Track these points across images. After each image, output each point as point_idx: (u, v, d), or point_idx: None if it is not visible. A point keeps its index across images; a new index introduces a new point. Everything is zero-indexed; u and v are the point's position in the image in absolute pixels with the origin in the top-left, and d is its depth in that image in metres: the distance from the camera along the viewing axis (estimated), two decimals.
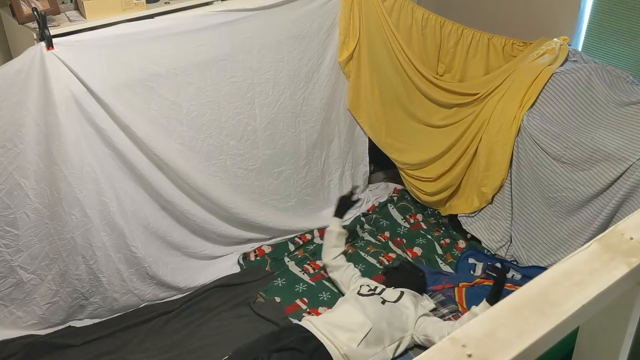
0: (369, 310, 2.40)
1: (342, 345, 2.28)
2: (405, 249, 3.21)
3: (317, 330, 2.32)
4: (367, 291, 2.55)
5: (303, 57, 3.01)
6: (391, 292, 2.55)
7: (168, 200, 2.77)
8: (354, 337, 2.30)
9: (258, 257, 3.12)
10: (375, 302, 2.47)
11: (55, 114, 2.31)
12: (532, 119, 2.79)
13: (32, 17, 2.28)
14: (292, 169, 3.23)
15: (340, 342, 2.28)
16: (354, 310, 2.41)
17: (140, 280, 2.75)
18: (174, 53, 2.57)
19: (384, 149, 3.47)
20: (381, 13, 3.07)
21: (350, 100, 3.33)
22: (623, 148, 2.51)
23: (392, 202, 3.57)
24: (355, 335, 2.31)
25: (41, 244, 2.52)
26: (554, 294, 0.78)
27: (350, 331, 2.32)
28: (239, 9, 2.69)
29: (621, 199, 2.49)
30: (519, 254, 3.00)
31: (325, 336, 2.30)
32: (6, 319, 2.60)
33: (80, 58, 2.31)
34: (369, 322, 2.34)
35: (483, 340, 0.72)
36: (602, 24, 2.90)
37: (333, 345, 2.28)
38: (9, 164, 2.34)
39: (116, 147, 2.52)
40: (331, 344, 2.28)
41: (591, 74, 2.73)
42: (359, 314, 2.38)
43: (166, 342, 2.58)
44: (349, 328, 2.33)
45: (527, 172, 2.86)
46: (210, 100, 2.76)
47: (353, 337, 2.30)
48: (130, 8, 2.48)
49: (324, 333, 2.31)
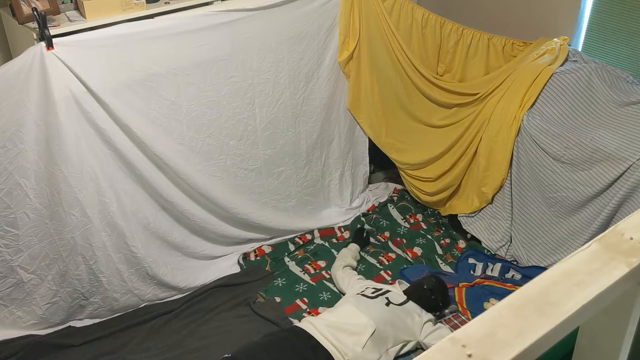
0: (372, 310, 2.39)
1: (347, 352, 2.25)
2: (405, 249, 3.21)
3: (322, 336, 2.28)
4: (371, 293, 2.53)
5: (303, 57, 3.01)
6: (396, 295, 2.54)
7: (168, 200, 2.77)
8: (359, 340, 2.28)
9: (258, 257, 3.12)
10: (380, 303, 2.46)
11: (55, 114, 2.31)
12: (532, 119, 2.79)
13: (32, 17, 2.27)
14: (292, 169, 3.23)
15: (345, 349, 2.26)
16: (357, 311, 2.39)
17: (140, 280, 2.75)
18: (174, 53, 2.57)
19: (384, 149, 3.47)
20: (381, 13, 3.07)
21: (350, 100, 3.33)
22: (623, 148, 2.51)
23: (392, 202, 3.57)
24: (359, 338, 2.28)
25: (41, 244, 2.52)
26: (554, 294, 0.78)
27: (355, 334, 2.30)
28: (239, 9, 2.69)
29: (621, 199, 2.49)
30: (519, 254, 3.00)
31: (331, 343, 2.27)
32: (6, 319, 2.60)
33: (80, 58, 2.31)
34: (372, 323, 2.33)
35: (483, 340, 0.72)
36: (602, 24, 2.90)
37: (338, 353, 2.25)
38: (9, 164, 2.34)
39: (116, 147, 2.52)
40: (337, 351, 2.25)
41: (591, 74, 2.73)
42: (362, 315, 2.36)
43: (166, 342, 2.58)
44: (353, 330, 2.31)
45: (527, 172, 2.86)
46: (210, 100, 2.76)
47: (357, 341, 2.28)
48: (130, 8, 2.48)
49: (329, 339, 2.28)
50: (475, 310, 2.70)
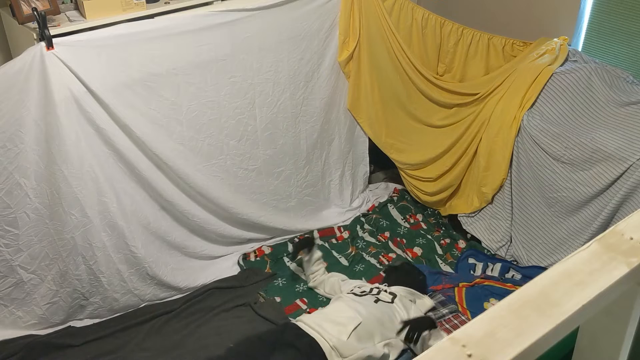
0: (360, 307, 2.41)
1: (330, 338, 2.27)
2: (405, 249, 3.21)
3: (307, 326, 2.33)
4: (360, 292, 2.55)
5: (303, 57, 3.01)
6: (386, 295, 2.55)
7: (168, 200, 2.77)
8: (344, 330, 2.30)
9: (258, 257, 3.12)
10: (368, 300, 2.48)
11: (55, 114, 2.31)
12: (532, 119, 2.79)
13: (32, 17, 2.27)
14: (292, 169, 3.23)
15: (329, 335, 2.28)
16: (345, 306, 2.43)
17: (140, 280, 2.75)
18: (174, 53, 2.57)
19: (384, 149, 3.47)
20: (381, 13, 3.07)
21: (350, 100, 3.33)
22: (623, 148, 2.51)
23: (392, 202, 3.57)
24: (344, 328, 2.31)
25: (41, 244, 2.52)
26: (554, 294, 0.78)
27: (340, 324, 2.32)
28: (239, 9, 2.69)
29: (621, 199, 2.49)
30: (519, 254, 3.00)
31: (314, 330, 2.30)
32: (6, 319, 2.60)
33: (80, 58, 2.31)
34: (359, 317, 2.35)
35: (483, 340, 0.72)
36: (602, 24, 2.90)
37: (322, 338, 2.27)
38: (9, 163, 2.34)
39: (116, 147, 2.52)
40: (320, 336, 2.27)
41: (591, 74, 2.73)
42: (349, 309, 2.40)
43: (166, 342, 2.58)
44: (339, 322, 2.34)
45: (527, 172, 2.86)
46: (210, 100, 2.76)
47: (342, 330, 2.30)
48: (130, 8, 2.48)
49: (313, 327, 2.31)
50: (475, 310, 2.70)
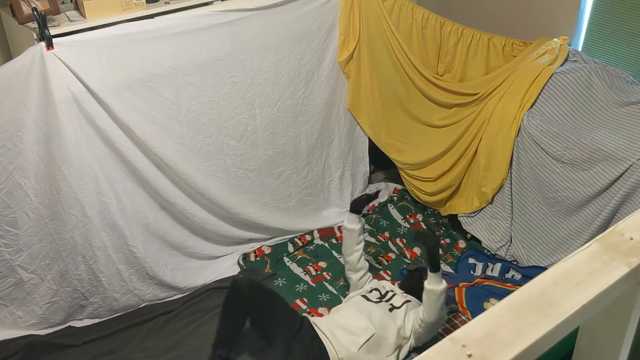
0: (374, 316, 2.39)
1: (340, 349, 2.27)
2: (406, 249, 3.21)
3: (320, 331, 2.32)
4: (376, 298, 2.53)
5: (303, 57, 3.01)
6: (399, 298, 2.53)
7: (168, 200, 2.77)
8: (356, 340, 2.29)
9: (258, 257, 3.12)
10: (383, 309, 2.45)
11: (55, 114, 2.31)
12: (532, 119, 2.79)
13: (32, 17, 2.28)
14: (293, 169, 3.23)
15: (339, 345, 2.27)
16: (359, 314, 2.40)
17: (140, 280, 2.75)
18: (174, 53, 2.57)
19: (384, 149, 3.47)
20: (381, 13, 3.07)
21: (350, 100, 3.33)
22: (623, 148, 2.51)
23: (392, 202, 3.57)
24: (357, 339, 2.29)
25: (41, 244, 2.52)
26: (554, 294, 0.78)
27: (353, 334, 2.31)
28: (239, 9, 2.69)
29: (621, 199, 2.49)
30: (519, 254, 3.00)
31: (326, 336, 2.30)
32: (6, 319, 2.60)
33: (80, 58, 2.31)
34: (372, 328, 2.33)
35: (483, 340, 0.72)
36: (602, 24, 2.90)
37: (332, 347, 2.27)
38: (9, 163, 2.34)
39: (116, 147, 2.52)
40: (330, 345, 2.27)
41: (591, 74, 2.73)
42: (363, 318, 2.37)
43: (166, 342, 2.58)
44: (352, 331, 2.32)
45: (527, 172, 2.86)
46: (210, 100, 2.76)
47: (354, 341, 2.29)
48: (130, 8, 2.48)
49: (326, 334, 2.31)
50: (475, 310, 2.70)
